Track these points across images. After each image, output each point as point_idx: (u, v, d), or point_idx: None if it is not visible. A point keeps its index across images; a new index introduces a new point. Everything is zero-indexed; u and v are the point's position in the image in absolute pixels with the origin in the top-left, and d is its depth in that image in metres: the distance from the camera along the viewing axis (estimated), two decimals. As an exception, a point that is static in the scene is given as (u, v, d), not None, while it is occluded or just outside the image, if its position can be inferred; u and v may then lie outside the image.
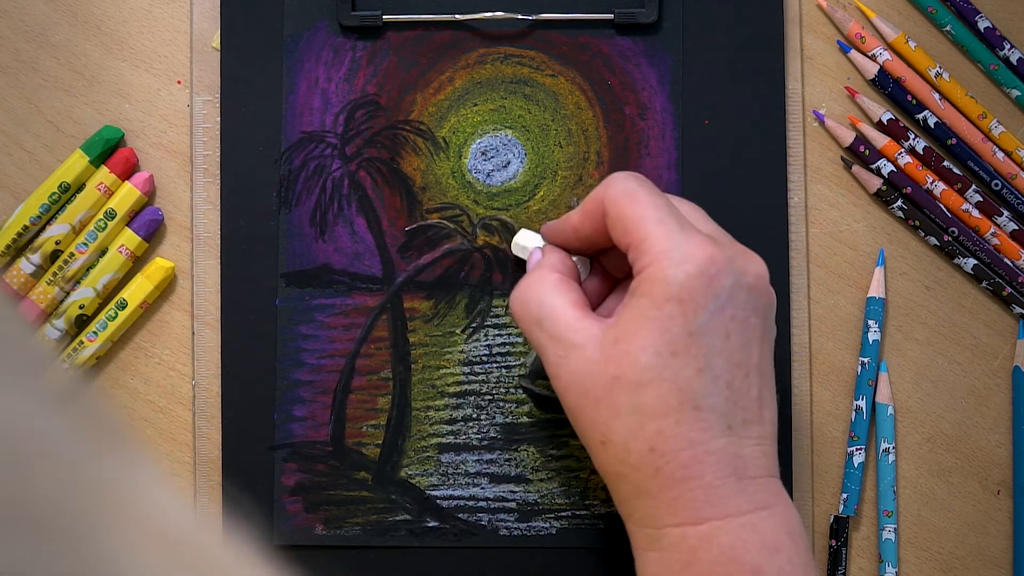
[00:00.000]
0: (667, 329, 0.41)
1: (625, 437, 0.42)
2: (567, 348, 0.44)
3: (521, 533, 0.53)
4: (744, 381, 0.43)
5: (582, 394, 0.43)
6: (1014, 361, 0.55)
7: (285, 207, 0.54)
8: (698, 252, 0.42)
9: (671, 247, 0.42)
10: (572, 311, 0.44)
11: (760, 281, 0.44)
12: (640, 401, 0.42)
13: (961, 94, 0.55)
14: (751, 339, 0.43)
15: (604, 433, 0.43)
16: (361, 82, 0.54)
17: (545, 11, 0.54)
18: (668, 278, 0.42)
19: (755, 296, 0.43)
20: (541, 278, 0.46)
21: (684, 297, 0.42)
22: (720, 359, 0.42)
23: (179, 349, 0.54)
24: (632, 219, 0.43)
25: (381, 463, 0.53)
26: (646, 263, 0.42)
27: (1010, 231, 0.55)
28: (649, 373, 0.41)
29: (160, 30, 0.55)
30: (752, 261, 0.44)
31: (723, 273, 0.42)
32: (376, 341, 0.53)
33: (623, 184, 0.44)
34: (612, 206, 0.44)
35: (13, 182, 0.54)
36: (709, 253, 0.42)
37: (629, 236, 0.43)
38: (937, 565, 0.54)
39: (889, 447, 0.54)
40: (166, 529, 0.23)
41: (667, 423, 0.41)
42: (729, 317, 0.42)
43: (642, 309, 0.42)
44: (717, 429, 0.42)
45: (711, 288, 0.42)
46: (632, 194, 0.44)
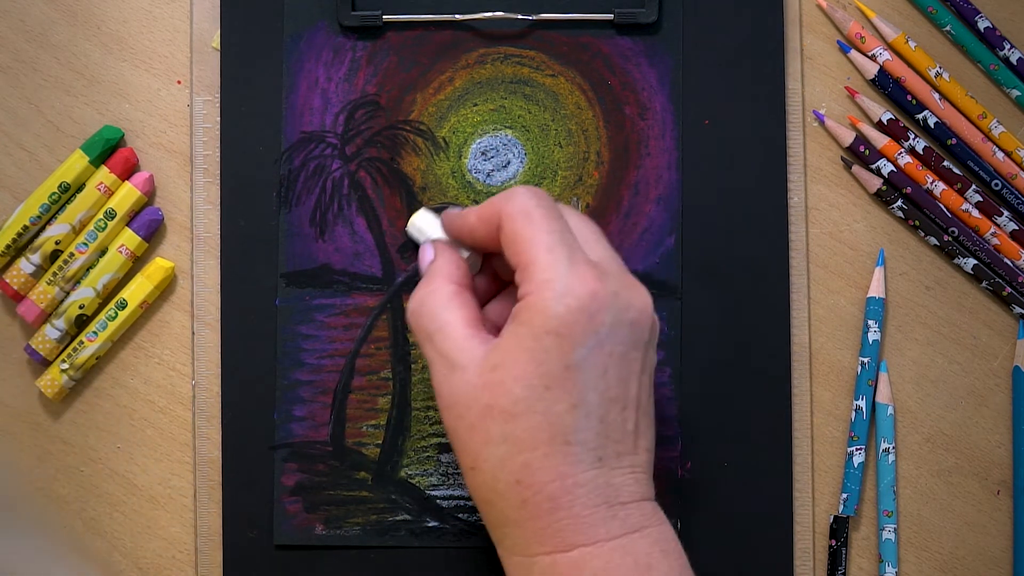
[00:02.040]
0: (542, 362, 0.41)
1: (494, 466, 0.42)
2: (451, 368, 0.43)
3: (521, 533, 0.53)
4: (620, 415, 0.43)
5: (457, 417, 0.43)
6: (1014, 361, 0.55)
7: (285, 207, 0.54)
8: (581, 287, 0.41)
9: (555, 277, 0.42)
10: (463, 330, 0.44)
11: (642, 316, 0.43)
12: (510, 432, 0.41)
13: (961, 94, 0.55)
14: (630, 373, 0.43)
15: (474, 459, 0.42)
16: (361, 82, 0.54)
17: (545, 11, 0.54)
18: (548, 310, 0.41)
19: (637, 331, 0.43)
20: (437, 290, 0.45)
21: (563, 331, 0.41)
22: (595, 394, 0.42)
23: (179, 349, 0.54)
24: (523, 240, 0.43)
25: (381, 463, 0.53)
26: (529, 290, 0.42)
27: (1010, 231, 0.55)
28: (521, 405, 0.41)
29: (160, 30, 0.55)
30: (637, 295, 0.43)
31: (604, 309, 0.42)
32: (376, 341, 0.53)
33: (521, 202, 0.44)
34: (507, 222, 0.44)
35: (13, 182, 0.54)
36: (592, 288, 0.42)
37: (518, 257, 0.43)
38: (937, 565, 0.54)
39: (889, 447, 0.54)
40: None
41: (535, 456, 0.41)
42: (607, 353, 0.42)
43: (520, 338, 0.42)
44: (587, 462, 0.42)
45: (591, 324, 0.41)
46: (528, 215, 0.43)
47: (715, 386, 0.53)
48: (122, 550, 0.54)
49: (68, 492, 0.54)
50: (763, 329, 0.53)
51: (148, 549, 0.54)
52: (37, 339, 0.53)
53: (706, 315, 0.53)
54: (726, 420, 0.53)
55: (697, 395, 0.53)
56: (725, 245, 0.54)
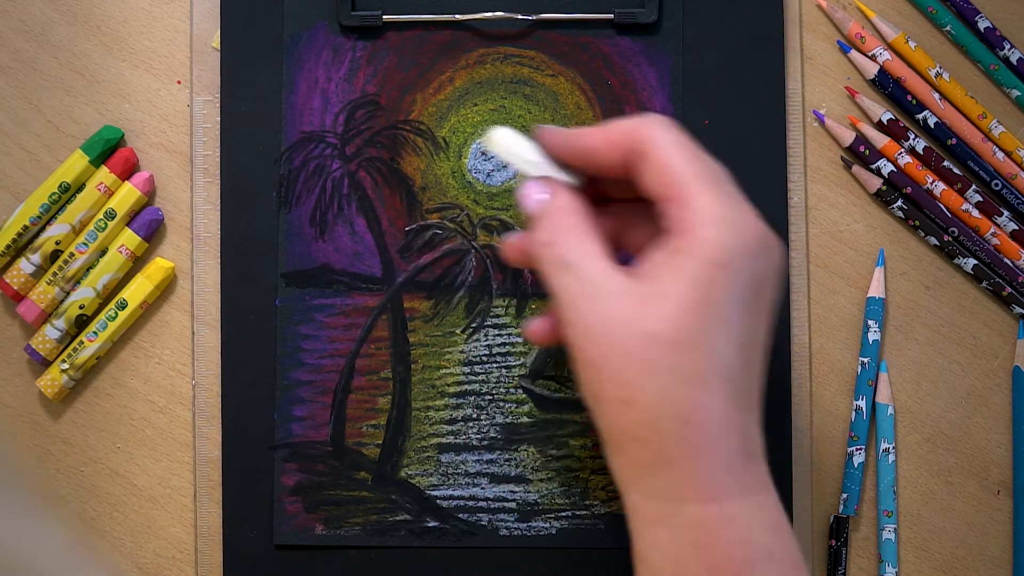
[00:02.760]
0: (715, 297, 0.40)
1: (655, 399, 0.39)
2: (598, 296, 0.41)
3: (521, 533, 0.53)
4: (760, 364, 0.42)
5: (610, 344, 0.40)
6: (1014, 361, 0.55)
7: (285, 207, 0.54)
8: (754, 227, 0.41)
9: (725, 212, 0.40)
10: (603, 259, 0.42)
11: (783, 265, 0.43)
12: (678, 363, 0.39)
13: (961, 94, 0.55)
14: (771, 323, 0.42)
15: (630, 391, 0.40)
16: (361, 82, 0.54)
17: (545, 11, 0.54)
18: (724, 245, 0.40)
19: (780, 280, 0.43)
20: (563, 218, 0.43)
21: (736, 267, 0.40)
22: (749, 337, 0.41)
23: (179, 349, 0.54)
24: (679, 173, 0.41)
25: (381, 463, 0.53)
26: (693, 223, 0.40)
27: (1010, 231, 0.55)
28: (691, 337, 0.39)
29: (160, 30, 0.55)
30: (779, 245, 0.43)
31: (769, 254, 0.41)
32: (376, 341, 0.53)
33: (670, 132, 0.42)
34: (655, 150, 0.42)
35: (13, 182, 0.54)
36: (764, 231, 0.41)
37: (672, 189, 0.41)
38: (937, 565, 0.54)
39: (889, 447, 0.54)
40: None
41: (702, 391, 0.39)
42: (766, 299, 0.41)
43: (684, 270, 0.40)
44: (742, 405, 0.40)
45: (756, 262, 0.41)
46: (679, 144, 0.42)
47: (715, 386, 0.53)
48: (122, 550, 0.54)
49: (68, 492, 0.54)
50: (763, 329, 0.53)
51: (148, 549, 0.54)
52: (37, 339, 0.53)
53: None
54: (726, 420, 0.53)
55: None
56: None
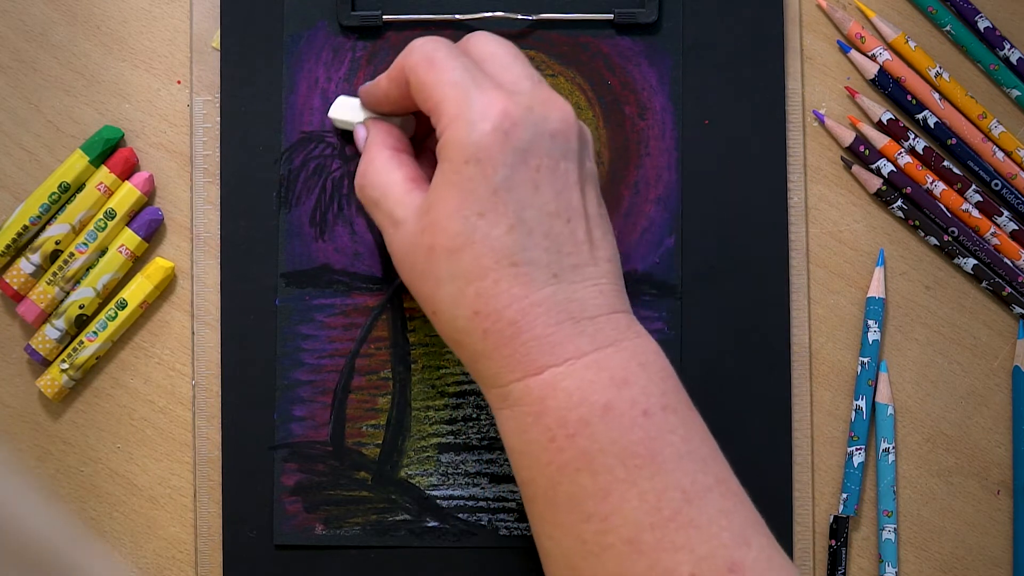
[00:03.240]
0: (470, 191, 0.41)
1: (449, 305, 0.42)
2: (396, 224, 0.44)
3: (521, 533, 0.53)
4: (566, 227, 0.42)
5: (409, 268, 0.44)
6: (1014, 361, 0.55)
7: (285, 207, 0.54)
8: (491, 108, 0.42)
9: (465, 108, 0.42)
10: (403, 186, 0.45)
11: (564, 125, 0.43)
12: (456, 267, 0.42)
13: (961, 94, 0.55)
14: (566, 185, 0.43)
15: (432, 303, 0.43)
16: (361, 82, 0.54)
17: (545, 11, 0.54)
18: (464, 140, 0.42)
19: (561, 141, 0.43)
20: (374, 158, 0.47)
21: (481, 156, 0.41)
22: (532, 211, 0.42)
23: (179, 349, 0.54)
24: (429, 84, 0.43)
25: (381, 463, 0.53)
26: (443, 127, 0.42)
27: (1010, 231, 0.55)
28: (460, 239, 0.42)
29: (160, 30, 0.55)
30: (554, 107, 0.43)
31: (519, 125, 0.42)
32: (376, 341, 0.53)
33: (420, 50, 0.44)
34: (411, 74, 0.44)
35: (13, 182, 0.54)
36: (502, 107, 0.42)
37: (428, 102, 0.43)
38: (937, 565, 0.54)
39: (889, 447, 0.54)
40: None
41: (485, 284, 0.41)
42: (534, 168, 0.42)
43: (445, 175, 0.42)
44: (541, 280, 0.42)
45: (508, 142, 0.42)
46: (429, 59, 0.44)
47: (715, 386, 0.53)
48: (122, 550, 0.54)
49: (68, 492, 0.54)
50: (763, 329, 0.53)
51: (148, 549, 0.54)
52: (37, 339, 0.53)
53: (706, 315, 0.53)
54: (726, 420, 0.53)
55: (696, 395, 0.53)
56: (725, 245, 0.54)
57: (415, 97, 0.45)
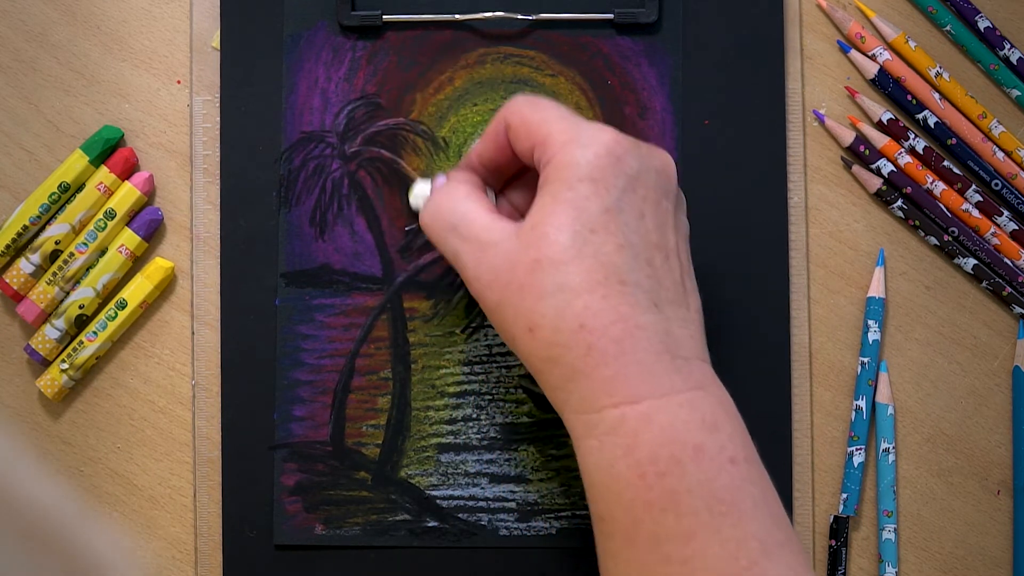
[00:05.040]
0: (583, 208, 0.42)
1: (553, 318, 0.42)
2: (484, 246, 0.44)
3: (521, 533, 0.53)
4: (665, 263, 0.43)
5: (504, 285, 0.43)
6: (1014, 361, 0.55)
7: (285, 207, 0.54)
8: (603, 135, 0.43)
9: (577, 134, 0.43)
10: (486, 214, 0.45)
11: (667, 166, 0.45)
12: (564, 280, 0.41)
13: (961, 94, 0.55)
14: (665, 223, 0.44)
15: (531, 318, 0.42)
16: (361, 82, 0.54)
17: (545, 11, 0.54)
18: (577, 160, 0.42)
19: (664, 179, 0.44)
20: (452, 190, 0.46)
21: (596, 176, 0.42)
22: (637, 237, 0.42)
23: (179, 349, 0.54)
24: (534, 122, 0.44)
25: (381, 463, 0.53)
26: (553, 153, 0.43)
27: (1010, 231, 0.55)
28: (570, 251, 0.42)
29: (160, 30, 0.55)
30: (657, 151, 0.45)
31: (629, 154, 0.43)
32: (376, 341, 0.53)
33: (522, 97, 0.45)
34: (514, 116, 0.45)
35: (13, 182, 0.54)
36: (613, 136, 0.43)
37: (533, 137, 0.44)
38: (937, 565, 0.54)
39: (889, 447, 0.54)
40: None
41: (594, 298, 0.41)
42: (641, 197, 0.43)
43: (555, 193, 0.42)
44: (644, 305, 0.42)
45: (619, 166, 0.43)
46: (532, 103, 0.45)
47: (715, 386, 0.53)
48: (122, 550, 0.54)
49: (68, 492, 0.54)
50: (763, 329, 0.53)
51: (148, 549, 0.54)
52: (37, 339, 0.53)
53: (706, 315, 0.53)
54: (726, 420, 0.53)
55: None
56: (725, 245, 0.54)
57: (516, 140, 0.45)
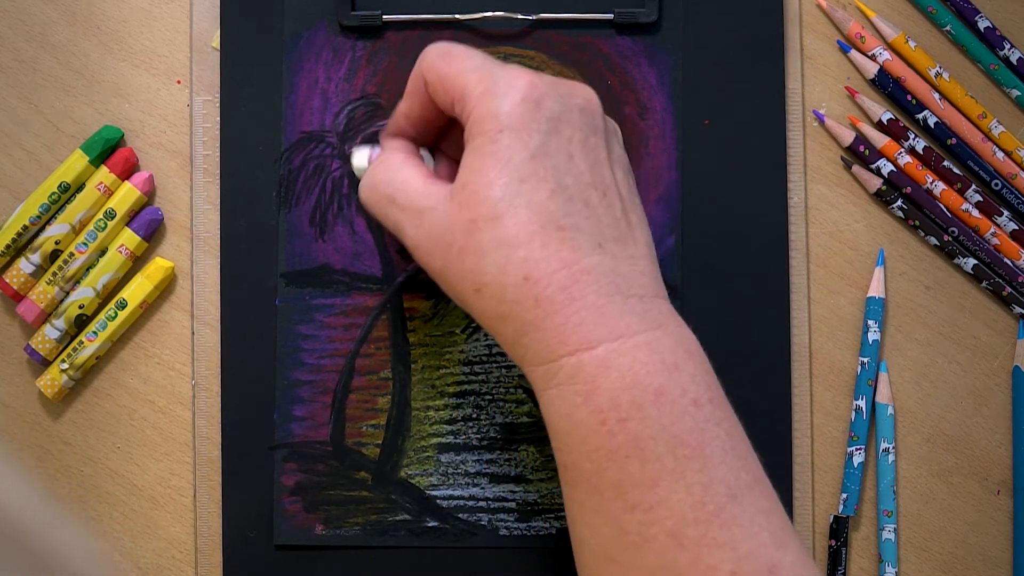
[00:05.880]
0: (508, 159, 0.41)
1: (496, 275, 0.41)
2: (422, 213, 0.43)
3: (521, 533, 0.53)
4: (603, 200, 0.43)
5: (445, 249, 0.42)
6: (1014, 361, 0.55)
7: (285, 207, 0.54)
8: (518, 80, 0.42)
9: (491, 84, 0.42)
10: (421, 181, 0.45)
11: (590, 103, 0.44)
12: (501, 234, 0.41)
13: (961, 94, 0.55)
14: (598, 159, 0.43)
15: (475, 279, 0.42)
16: (361, 82, 0.54)
17: (545, 11, 0.54)
18: (495, 111, 0.42)
19: (588, 116, 0.44)
20: (385, 160, 0.46)
21: (516, 124, 0.42)
22: (570, 178, 0.42)
23: (179, 349, 0.54)
24: (449, 74, 0.44)
25: (381, 463, 0.53)
26: (472, 106, 0.43)
27: (1010, 231, 0.55)
28: (502, 205, 0.41)
29: (160, 30, 0.55)
30: (577, 87, 0.44)
31: (548, 96, 0.42)
32: (376, 341, 0.53)
33: (435, 49, 0.45)
34: (430, 72, 0.45)
35: (13, 182, 0.54)
36: (529, 80, 0.42)
37: (451, 91, 0.44)
38: (937, 565, 0.54)
39: (889, 447, 0.54)
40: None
41: (533, 248, 0.41)
42: (567, 138, 0.42)
43: (479, 148, 0.42)
44: (587, 247, 0.41)
45: (539, 111, 0.42)
46: (446, 54, 0.44)
47: (715, 386, 0.53)
48: (122, 550, 0.54)
49: (68, 492, 0.54)
50: (763, 329, 0.53)
51: (148, 549, 0.54)
52: (37, 339, 0.53)
53: (706, 315, 0.53)
54: (726, 420, 0.53)
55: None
56: (725, 245, 0.54)
57: (436, 95, 0.45)
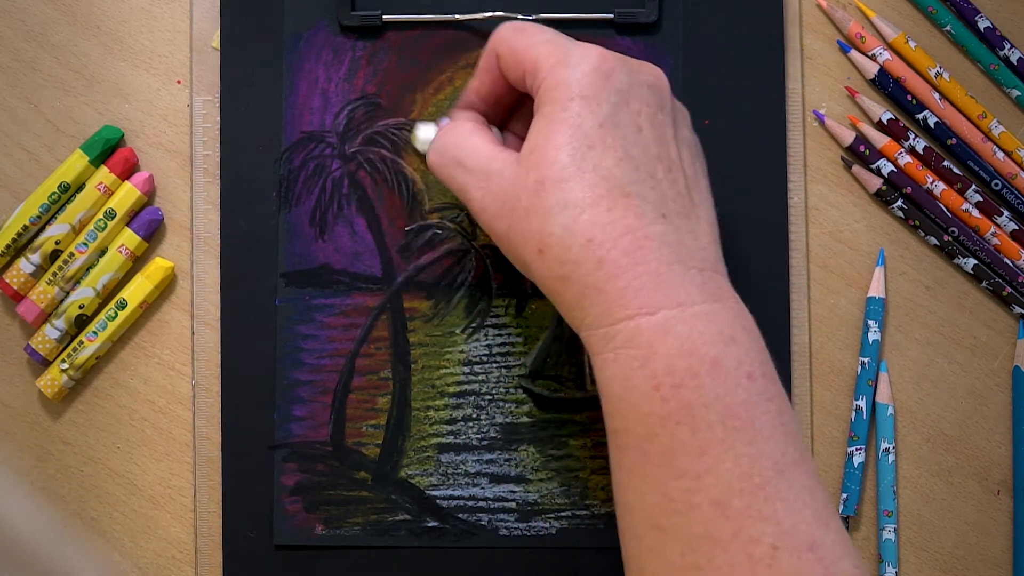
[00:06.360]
0: (577, 125, 0.42)
1: (561, 235, 0.42)
2: (488, 176, 0.44)
3: (521, 533, 0.53)
4: (668, 175, 0.43)
5: (510, 211, 0.43)
6: (1014, 361, 0.55)
7: (285, 207, 0.54)
8: (590, 52, 0.43)
9: (564, 55, 0.43)
10: (490, 146, 0.45)
11: (659, 81, 0.45)
12: (568, 197, 0.42)
13: (961, 94, 0.55)
14: (665, 135, 0.44)
15: (540, 239, 0.42)
16: (361, 82, 0.54)
17: (545, 11, 0.54)
18: (567, 80, 0.43)
19: (657, 93, 0.44)
20: (455, 127, 0.47)
21: (586, 93, 0.43)
22: (637, 149, 0.43)
23: (179, 349, 0.54)
24: (522, 48, 0.45)
25: (381, 463, 0.53)
26: (544, 76, 0.43)
27: (1010, 231, 0.55)
28: (571, 168, 0.42)
29: (160, 30, 0.55)
30: (647, 65, 0.45)
31: (618, 70, 0.43)
32: (376, 341, 0.53)
33: (508, 25, 0.46)
34: (502, 45, 0.45)
35: (13, 182, 0.55)
36: (600, 53, 0.43)
37: (523, 64, 0.45)
38: (937, 565, 0.54)
39: (889, 447, 0.54)
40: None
41: (599, 211, 0.41)
42: (636, 111, 0.43)
43: (549, 115, 0.43)
44: (651, 215, 0.42)
45: (609, 82, 0.43)
46: (519, 29, 0.45)
47: (715, 386, 0.53)
48: (122, 550, 0.54)
49: (68, 492, 0.54)
50: (763, 329, 0.53)
51: (148, 549, 0.54)
52: (37, 339, 0.53)
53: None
54: (726, 420, 0.53)
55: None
56: (725, 245, 0.53)
57: (508, 69, 0.45)
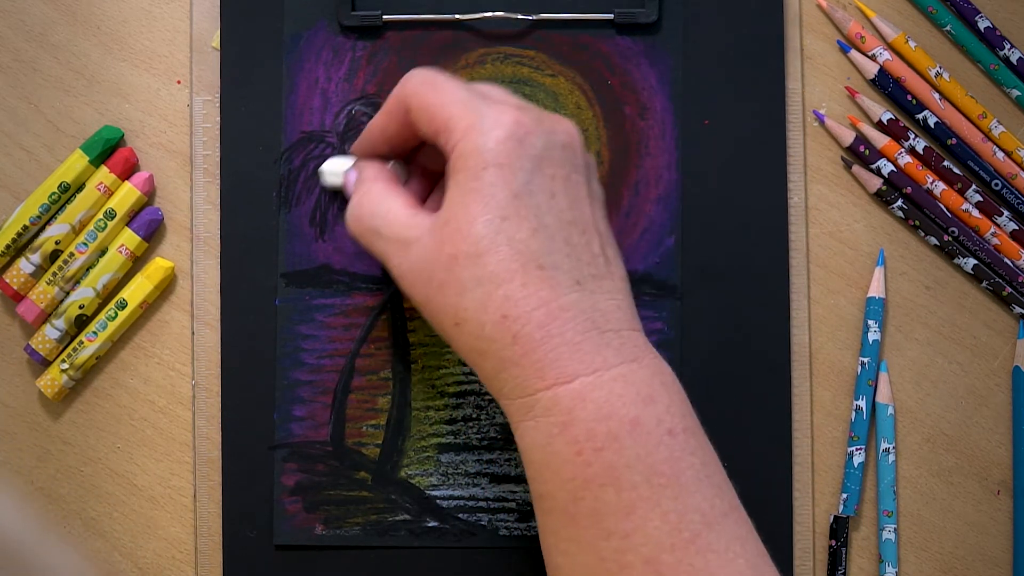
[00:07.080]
0: (491, 196, 0.42)
1: (475, 311, 0.42)
2: (405, 246, 0.44)
3: (521, 533, 0.53)
4: (582, 237, 0.43)
5: (426, 283, 0.43)
6: (1014, 361, 0.55)
7: (285, 207, 0.54)
8: (504, 117, 0.42)
9: (477, 119, 0.42)
10: (404, 211, 0.45)
11: (571, 139, 0.44)
12: (482, 272, 0.41)
13: (961, 94, 0.55)
14: (578, 197, 0.44)
15: (455, 313, 0.42)
16: (361, 82, 0.54)
17: (545, 11, 0.54)
18: (480, 147, 0.42)
19: (570, 153, 0.44)
20: (367, 191, 0.46)
21: (501, 161, 0.42)
22: (551, 217, 0.42)
23: (179, 349, 0.54)
24: (435, 105, 0.44)
25: (381, 463, 0.53)
26: (456, 140, 0.43)
27: (1010, 231, 0.55)
28: (484, 242, 0.41)
29: (160, 30, 0.55)
30: (560, 122, 0.44)
31: (533, 133, 0.43)
32: (376, 341, 0.53)
33: (420, 76, 0.45)
34: (414, 99, 0.45)
35: (13, 182, 0.55)
36: (514, 117, 0.43)
37: (435, 122, 0.44)
38: (937, 565, 0.54)
39: (889, 447, 0.54)
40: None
41: (513, 287, 0.41)
42: (550, 176, 0.43)
43: (462, 185, 0.42)
44: (566, 285, 0.42)
45: (524, 148, 0.42)
46: (431, 83, 0.44)
47: (715, 386, 0.53)
48: (122, 550, 0.54)
49: (68, 492, 0.54)
50: (763, 329, 0.53)
51: (148, 549, 0.54)
52: (37, 339, 0.53)
53: (706, 315, 0.53)
54: (726, 420, 0.53)
55: (697, 395, 0.53)
56: (725, 245, 0.54)
57: (419, 123, 0.45)
